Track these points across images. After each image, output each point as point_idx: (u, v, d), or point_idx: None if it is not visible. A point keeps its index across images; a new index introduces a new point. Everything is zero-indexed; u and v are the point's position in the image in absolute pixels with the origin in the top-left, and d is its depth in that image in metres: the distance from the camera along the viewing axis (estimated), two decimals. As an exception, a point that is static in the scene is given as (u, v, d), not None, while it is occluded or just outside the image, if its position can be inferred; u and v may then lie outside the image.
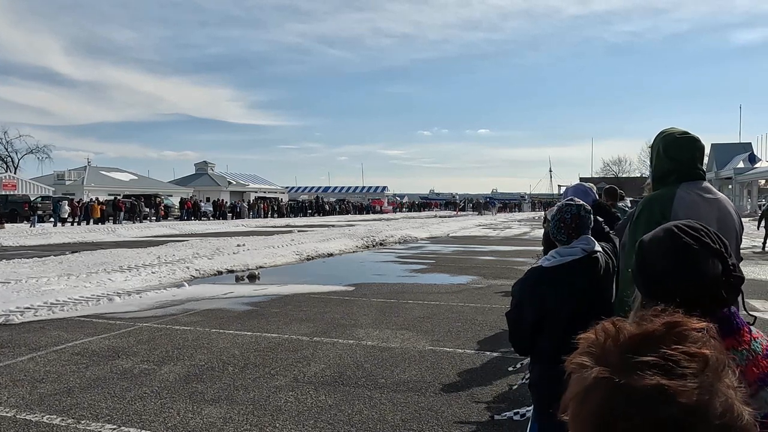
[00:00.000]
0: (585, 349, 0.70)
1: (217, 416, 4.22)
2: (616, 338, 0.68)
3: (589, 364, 0.67)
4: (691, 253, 1.15)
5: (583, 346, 0.71)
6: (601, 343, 0.69)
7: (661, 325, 0.69)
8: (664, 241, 1.20)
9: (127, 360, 5.73)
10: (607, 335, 0.69)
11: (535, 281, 2.42)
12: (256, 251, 15.98)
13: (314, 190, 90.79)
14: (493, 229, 32.78)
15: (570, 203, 2.47)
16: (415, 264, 14.89)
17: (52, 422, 4.10)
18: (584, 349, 0.70)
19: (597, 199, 3.98)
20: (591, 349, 0.69)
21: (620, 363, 0.65)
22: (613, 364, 0.65)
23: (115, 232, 26.72)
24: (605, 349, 0.68)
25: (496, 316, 7.85)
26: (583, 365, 0.68)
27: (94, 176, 53.15)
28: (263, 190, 69.98)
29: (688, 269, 1.14)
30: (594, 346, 0.69)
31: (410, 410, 4.35)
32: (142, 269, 12.03)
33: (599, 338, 0.70)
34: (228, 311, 8.36)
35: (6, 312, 7.81)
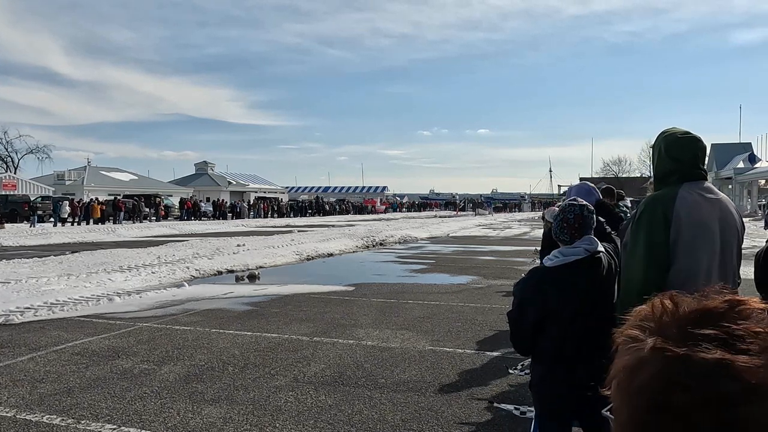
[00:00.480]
0: (637, 322, 0.66)
1: (217, 416, 4.22)
2: (674, 311, 0.65)
3: (643, 337, 0.64)
4: None
5: (635, 319, 0.67)
6: (657, 316, 0.65)
7: (723, 301, 0.65)
8: None
9: (127, 360, 5.73)
10: (665, 308, 0.66)
11: (538, 281, 2.42)
12: (256, 251, 15.98)
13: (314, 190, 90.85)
14: (493, 229, 32.78)
15: (573, 203, 2.47)
16: (415, 264, 14.88)
17: (52, 422, 4.10)
18: (636, 322, 0.66)
19: (600, 199, 3.97)
20: (645, 322, 0.66)
21: (679, 335, 0.62)
22: (671, 335, 0.62)
23: (115, 232, 26.72)
24: (662, 323, 0.64)
25: (496, 316, 7.85)
26: (637, 337, 0.64)
27: (94, 176, 53.16)
28: (263, 190, 70.00)
29: None
30: (648, 319, 0.66)
31: (410, 410, 4.35)
32: (142, 269, 12.03)
33: (655, 311, 0.66)
34: (228, 311, 8.36)
35: (6, 312, 7.81)
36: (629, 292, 2.28)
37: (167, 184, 62.12)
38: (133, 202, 38.81)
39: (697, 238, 2.24)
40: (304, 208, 57.70)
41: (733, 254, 2.29)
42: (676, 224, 2.24)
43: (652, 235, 2.26)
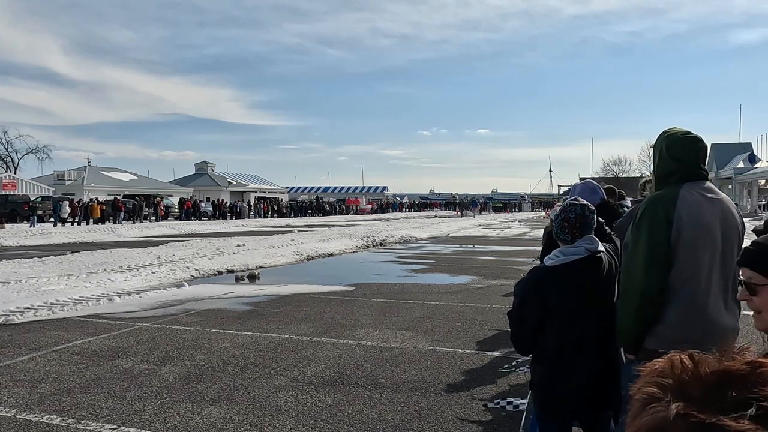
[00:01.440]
0: (655, 378, 0.65)
1: (217, 416, 4.22)
2: (695, 371, 0.64)
3: (663, 396, 0.62)
4: None
5: (652, 375, 0.66)
6: (677, 374, 0.64)
7: (744, 363, 0.64)
8: None
9: (127, 360, 5.73)
10: (684, 367, 0.65)
11: (539, 280, 2.42)
12: (256, 251, 15.98)
13: (314, 190, 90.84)
14: (493, 229, 32.78)
15: (574, 203, 2.47)
16: (415, 264, 14.88)
17: (52, 422, 4.10)
18: (654, 379, 0.65)
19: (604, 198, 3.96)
20: (663, 380, 0.64)
21: (702, 398, 0.61)
22: (693, 399, 0.61)
23: (115, 232, 26.72)
24: (682, 382, 0.63)
25: (496, 316, 7.85)
26: (656, 397, 0.63)
27: (94, 176, 53.16)
28: (263, 190, 69.99)
29: None
30: (667, 376, 0.65)
31: (410, 410, 4.35)
32: (142, 269, 12.03)
33: (675, 369, 0.65)
34: (228, 311, 8.36)
35: (6, 312, 7.81)
36: (630, 292, 2.28)
37: (167, 184, 62.12)
38: (133, 202, 38.82)
39: (698, 239, 2.24)
40: (304, 208, 57.70)
41: (734, 254, 2.29)
42: (677, 224, 2.24)
43: (654, 235, 2.26)
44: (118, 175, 57.14)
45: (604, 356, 2.36)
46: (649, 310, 2.23)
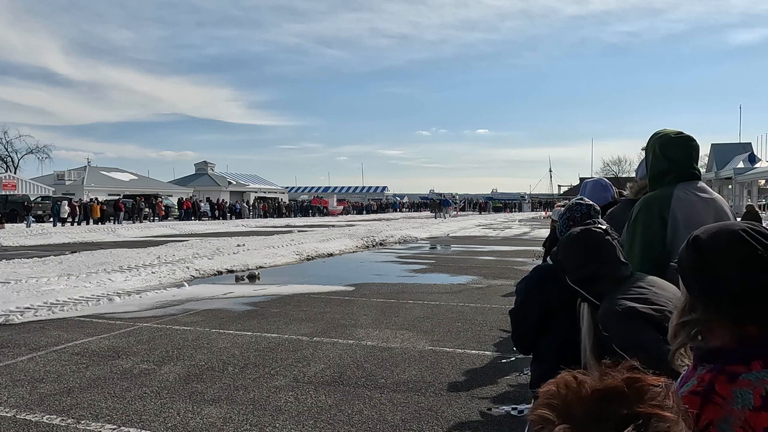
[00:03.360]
0: (546, 400, 0.72)
1: (217, 416, 4.22)
2: (578, 392, 0.70)
3: (551, 418, 0.69)
4: (761, 262, 1.07)
5: (544, 398, 0.72)
6: (563, 395, 0.71)
7: (621, 380, 0.71)
8: (731, 244, 1.10)
9: (127, 360, 5.73)
10: (569, 389, 0.71)
11: (541, 278, 2.42)
12: (256, 251, 15.98)
13: (314, 190, 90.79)
14: (493, 229, 32.79)
15: (580, 202, 2.47)
16: (415, 264, 14.89)
17: (52, 422, 4.11)
18: (545, 401, 0.72)
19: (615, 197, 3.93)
20: (552, 401, 0.71)
21: (584, 417, 0.67)
22: (576, 418, 0.67)
23: (115, 232, 26.71)
24: (567, 403, 0.70)
25: (496, 316, 7.85)
26: (546, 418, 0.69)
27: (94, 176, 53.16)
28: (263, 190, 69.99)
29: (755, 278, 1.07)
30: (555, 398, 0.71)
31: (410, 410, 4.35)
32: (142, 269, 12.03)
33: (561, 391, 0.71)
34: (228, 311, 8.36)
35: (6, 312, 7.81)
36: None
37: (167, 184, 62.12)
38: (133, 202, 38.81)
39: None
40: (305, 208, 57.70)
41: None
42: (672, 224, 2.25)
43: (649, 235, 2.27)
44: (118, 175, 57.14)
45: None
46: None
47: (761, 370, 1.03)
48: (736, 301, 1.06)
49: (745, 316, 1.06)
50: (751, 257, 1.07)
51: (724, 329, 1.07)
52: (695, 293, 1.12)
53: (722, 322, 1.08)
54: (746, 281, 1.07)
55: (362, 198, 78.57)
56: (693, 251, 1.14)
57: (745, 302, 1.06)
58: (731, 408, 0.99)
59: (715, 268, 1.09)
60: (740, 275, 1.07)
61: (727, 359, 1.05)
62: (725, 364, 1.04)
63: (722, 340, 1.07)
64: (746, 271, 1.07)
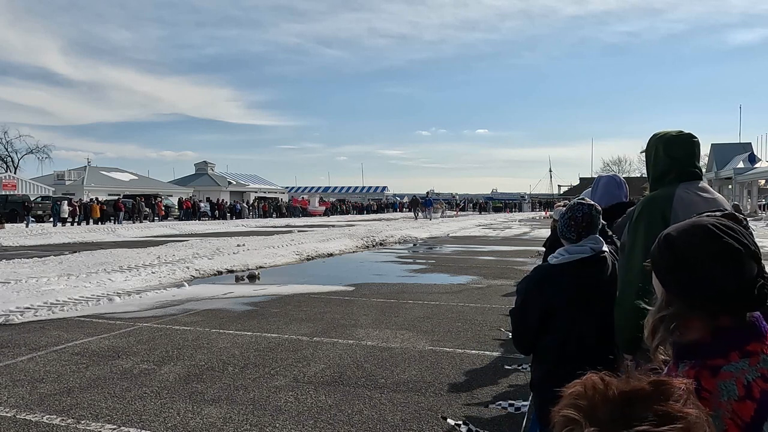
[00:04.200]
0: (572, 401, 0.72)
1: (217, 416, 4.22)
2: (605, 394, 0.71)
3: (578, 418, 0.69)
4: (734, 255, 1.10)
5: (570, 398, 0.73)
6: (589, 396, 0.71)
7: (647, 383, 0.72)
8: (704, 240, 1.12)
9: (127, 360, 5.73)
10: (596, 390, 0.72)
11: (542, 278, 2.41)
12: (256, 251, 15.97)
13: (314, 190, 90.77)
14: (493, 229, 32.79)
15: (582, 202, 2.47)
16: (415, 264, 14.89)
17: (52, 422, 4.10)
18: (571, 401, 0.72)
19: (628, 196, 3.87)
20: (579, 401, 0.71)
21: (612, 418, 0.68)
22: (602, 421, 0.68)
23: (115, 232, 26.71)
24: (594, 404, 0.70)
25: (496, 316, 7.85)
26: (572, 419, 0.70)
27: (94, 176, 53.17)
28: (263, 190, 70.00)
29: (729, 272, 1.09)
30: (582, 398, 0.72)
31: (410, 410, 4.35)
32: (142, 269, 12.03)
33: (588, 392, 0.72)
34: (228, 311, 8.36)
35: (6, 312, 7.81)
36: (627, 293, 2.28)
37: (167, 184, 62.13)
38: (133, 202, 38.81)
39: None
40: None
41: None
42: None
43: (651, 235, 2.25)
44: (118, 175, 57.15)
45: (606, 357, 2.36)
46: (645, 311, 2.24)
47: (739, 360, 1.06)
48: (711, 296, 1.09)
49: (720, 309, 1.09)
50: (723, 251, 1.10)
51: (700, 322, 1.10)
52: (672, 290, 1.15)
53: (698, 315, 1.10)
54: (720, 275, 1.09)
55: (362, 198, 78.55)
56: (666, 249, 1.16)
57: (719, 296, 1.09)
58: (719, 401, 1.02)
59: (689, 264, 1.12)
60: (713, 270, 1.09)
61: (706, 353, 1.08)
62: (706, 359, 1.07)
63: (699, 333, 1.10)
64: (719, 265, 1.10)
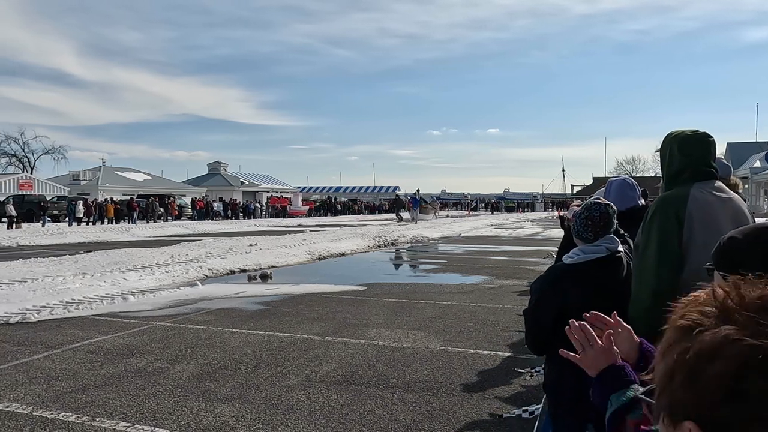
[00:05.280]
0: (697, 307, 0.68)
1: (229, 415, 4.24)
2: (740, 297, 0.67)
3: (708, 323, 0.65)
4: None
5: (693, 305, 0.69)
6: (720, 301, 0.67)
7: None
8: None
9: (141, 358, 5.79)
10: (728, 294, 0.67)
11: (557, 278, 2.40)
12: (269, 251, 16.04)
13: (326, 190, 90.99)
14: (505, 229, 32.65)
15: (599, 202, 2.45)
16: (427, 264, 14.86)
17: (68, 419, 4.15)
18: (696, 307, 0.68)
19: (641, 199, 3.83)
20: (706, 308, 0.67)
21: (749, 322, 0.63)
22: (740, 323, 0.64)
23: (129, 231, 26.97)
24: (727, 308, 0.66)
25: (508, 317, 7.82)
26: (701, 323, 0.65)
27: (109, 176, 53.71)
28: (275, 190, 70.25)
29: None
30: (709, 304, 0.67)
31: (422, 410, 4.35)
32: (155, 268, 12.13)
33: (717, 297, 0.68)
34: (240, 310, 8.41)
35: (23, 310, 7.92)
36: (641, 293, 2.26)
37: (180, 184, 62.61)
38: (147, 202, 39.16)
39: (710, 239, 2.21)
40: (316, 208, 57.82)
41: None
42: (688, 224, 2.22)
43: (665, 235, 2.24)
44: (132, 175, 57.69)
45: None
46: (660, 311, 2.21)
47: None
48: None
49: None
50: None
51: None
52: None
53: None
54: None
55: (374, 198, 78.58)
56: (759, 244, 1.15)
57: None
58: None
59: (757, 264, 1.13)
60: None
61: None
62: None
63: None
64: None
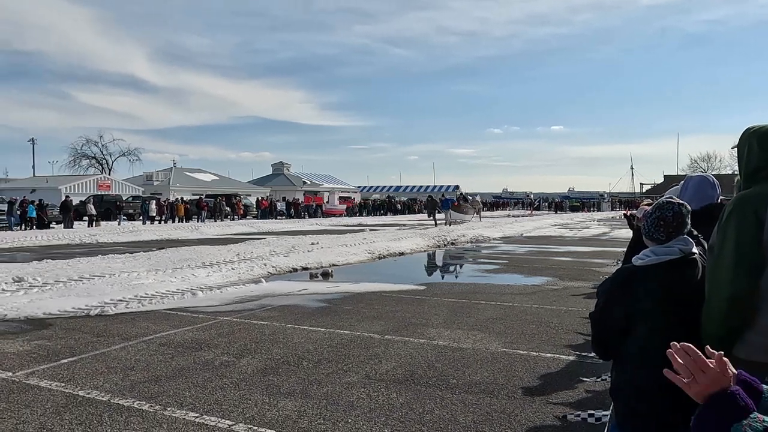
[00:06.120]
0: None
1: (292, 409, 4.34)
2: None
3: None
4: None
5: None
6: None
7: None
8: None
9: (209, 352, 6.01)
10: None
11: (626, 280, 2.30)
12: (330, 249, 16.29)
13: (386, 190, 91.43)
14: (570, 229, 31.72)
15: (672, 201, 2.34)
16: (488, 264, 14.66)
17: (142, 408, 4.37)
18: None
19: (721, 198, 3.63)
20: None
21: None
22: None
23: (198, 230, 28.10)
24: None
25: (573, 320, 7.59)
26: None
27: (179, 177, 56.17)
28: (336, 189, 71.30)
29: None
30: None
31: (482, 412, 4.29)
32: (222, 265, 12.58)
33: None
34: (302, 307, 8.58)
35: (101, 304, 8.42)
36: (716, 297, 2.13)
37: (246, 184, 64.67)
38: (215, 201, 40.69)
39: None
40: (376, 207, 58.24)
41: None
42: None
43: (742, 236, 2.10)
44: (201, 175, 60.09)
45: None
46: (736, 315, 2.08)
47: None
48: None
49: None
50: None
51: None
52: None
53: None
54: None
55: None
56: None
57: None
58: None
59: None
60: None
61: None
62: None
63: None
64: None
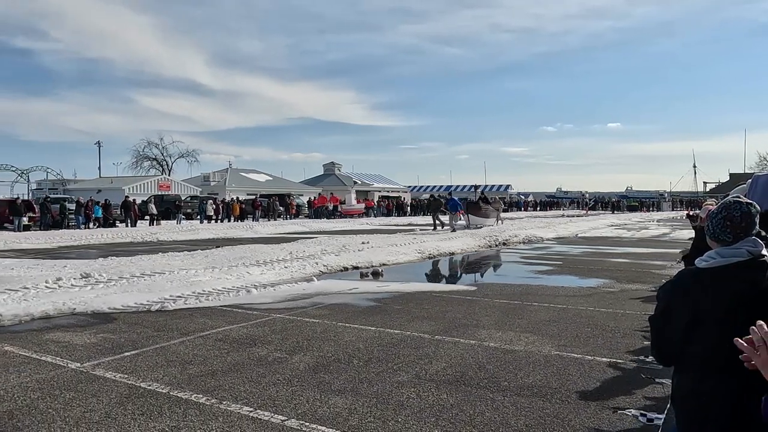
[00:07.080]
0: None
1: (342, 406, 4.38)
2: None
3: None
4: None
5: None
6: None
7: None
8: None
9: (263, 348, 6.16)
10: None
11: (688, 283, 2.20)
12: (380, 249, 16.36)
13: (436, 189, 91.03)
14: (627, 229, 30.67)
15: (739, 200, 2.23)
16: (540, 265, 14.36)
17: (199, 401, 4.52)
18: None
19: None
20: None
21: None
22: None
23: (252, 229, 28.81)
24: None
25: (630, 323, 7.33)
26: None
27: (235, 177, 57.78)
28: (387, 189, 71.57)
29: None
30: None
31: (534, 416, 4.21)
32: (275, 264, 12.85)
33: None
34: (353, 306, 8.66)
35: (161, 300, 8.76)
36: None
37: (298, 184, 65.85)
38: (268, 201, 41.62)
39: None
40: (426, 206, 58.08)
41: None
42: None
43: None
44: (255, 176, 61.60)
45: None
46: None
47: None
48: None
49: None
50: None
51: None
52: None
53: None
54: None
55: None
56: None
57: None
58: None
59: None
60: None
61: None
62: None
63: None
64: None
